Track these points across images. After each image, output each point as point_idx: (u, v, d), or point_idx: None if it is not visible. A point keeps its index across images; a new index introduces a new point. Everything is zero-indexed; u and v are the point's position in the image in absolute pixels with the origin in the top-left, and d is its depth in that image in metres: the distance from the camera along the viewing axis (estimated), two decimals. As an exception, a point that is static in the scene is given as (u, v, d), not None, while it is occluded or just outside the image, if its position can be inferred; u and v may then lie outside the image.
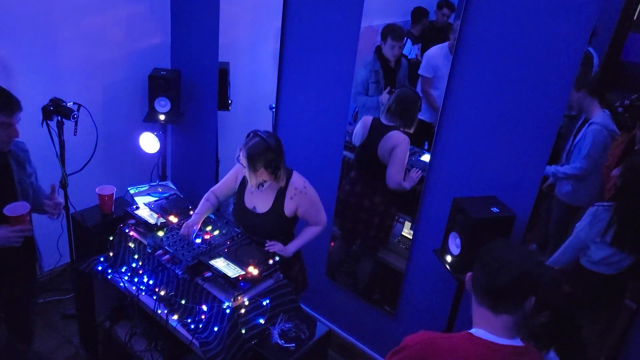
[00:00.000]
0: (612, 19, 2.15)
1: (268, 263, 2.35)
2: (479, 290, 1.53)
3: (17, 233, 2.26)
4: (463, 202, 2.33)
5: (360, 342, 3.36)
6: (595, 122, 2.28)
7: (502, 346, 1.49)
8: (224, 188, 2.71)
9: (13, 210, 2.26)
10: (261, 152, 2.37)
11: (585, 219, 2.30)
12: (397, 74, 2.91)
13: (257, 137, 2.40)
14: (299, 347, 2.21)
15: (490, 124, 2.44)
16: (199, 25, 3.58)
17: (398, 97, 2.83)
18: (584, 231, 2.30)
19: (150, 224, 2.56)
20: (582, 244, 2.33)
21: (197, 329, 2.29)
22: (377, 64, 2.89)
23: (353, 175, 3.08)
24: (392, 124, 2.83)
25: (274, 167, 2.42)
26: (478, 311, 1.55)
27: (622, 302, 2.36)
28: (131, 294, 2.49)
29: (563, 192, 2.45)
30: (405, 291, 3.02)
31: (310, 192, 2.57)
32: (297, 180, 2.56)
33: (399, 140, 2.82)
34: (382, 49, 2.87)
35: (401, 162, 2.83)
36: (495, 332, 1.50)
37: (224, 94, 3.64)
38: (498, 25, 2.31)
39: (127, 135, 3.74)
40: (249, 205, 2.60)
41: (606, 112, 2.28)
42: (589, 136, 2.29)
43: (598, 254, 2.30)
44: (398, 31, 2.85)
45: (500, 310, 1.50)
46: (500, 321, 1.50)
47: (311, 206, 2.59)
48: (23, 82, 3.10)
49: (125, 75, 3.65)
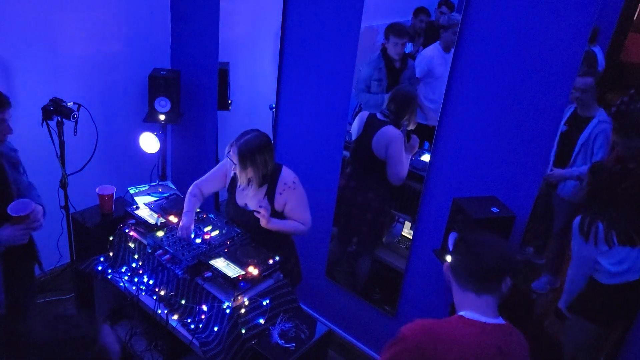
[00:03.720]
0: (612, 19, 2.15)
1: (268, 263, 2.35)
2: (463, 275, 1.64)
3: (24, 230, 2.27)
4: (463, 202, 2.33)
5: (360, 342, 3.36)
6: (603, 120, 2.23)
7: (492, 325, 1.59)
8: (210, 183, 2.71)
9: (16, 208, 2.26)
10: (252, 150, 2.39)
11: (576, 236, 2.24)
12: (401, 74, 2.91)
13: (249, 135, 2.43)
14: (299, 347, 2.21)
15: (490, 124, 2.44)
16: (199, 25, 3.58)
17: (393, 94, 2.86)
18: (583, 247, 2.22)
19: (150, 224, 2.56)
20: (590, 262, 2.23)
21: (197, 329, 2.29)
22: (382, 62, 2.90)
23: (348, 171, 3.10)
24: (385, 119, 2.86)
25: (263, 165, 2.44)
26: (462, 295, 1.66)
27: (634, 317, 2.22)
28: (131, 294, 2.49)
29: (567, 193, 2.39)
30: (405, 291, 3.02)
31: (299, 189, 2.58)
32: (287, 175, 2.56)
33: (392, 136, 2.83)
34: (387, 48, 2.88)
35: (399, 160, 2.84)
36: (482, 311, 1.61)
37: (224, 94, 3.64)
38: (498, 24, 2.31)
39: (127, 135, 3.74)
40: (240, 203, 2.61)
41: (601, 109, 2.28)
42: (601, 137, 2.23)
43: (612, 262, 2.19)
44: (400, 29, 2.85)
45: (484, 290, 1.61)
46: (484, 301, 1.61)
47: (298, 203, 2.58)
48: (23, 82, 3.10)
49: (125, 75, 3.65)
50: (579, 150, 2.30)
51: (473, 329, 1.58)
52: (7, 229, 2.25)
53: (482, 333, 1.57)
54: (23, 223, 2.27)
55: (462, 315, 1.62)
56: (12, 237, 2.25)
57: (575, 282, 2.33)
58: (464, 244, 1.67)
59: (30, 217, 2.28)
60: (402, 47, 2.87)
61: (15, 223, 2.26)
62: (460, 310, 1.65)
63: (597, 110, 2.27)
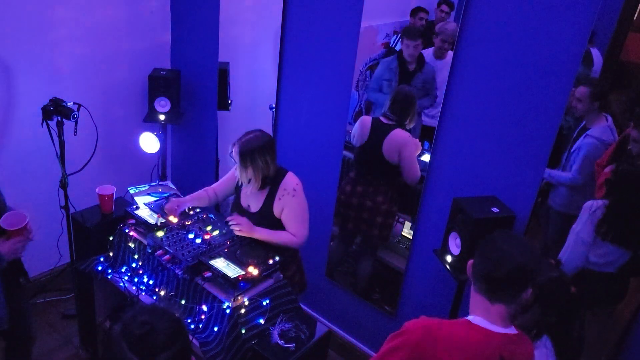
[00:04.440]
0: (612, 19, 2.15)
1: (268, 263, 2.35)
2: (479, 279, 1.57)
3: (23, 243, 2.24)
4: (463, 202, 2.33)
5: (360, 342, 3.36)
6: (592, 134, 2.28)
7: (498, 334, 1.54)
8: (223, 186, 2.74)
9: (10, 222, 2.21)
10: (252, 150, 2.38)
11: (582, 216, 2.26)
12: (414, 76, 2.88)
13: (251, 134, 2.43)
14: (299, 347, 2.21)
15: (490, 124, 2.44)
16: (199, 25, 3.58)
17: (394, 96, 2.87)
18: (583, 230, 2.27)
19: (150, 224, 2.56)
20: (587, 245, 2.28)
21: (197, 329, 2.29)
22: (395, 63, 2.89)
23: (353, 176, 3.08)
24: (391, 122, 2.85)
25: (264, 166, 2.42)
26: (475, 298, 1.60)
27: (622, 300, 2.35)
28: (131, 294, 2.49)
29: (558, 203, 2.44)
30: (405, 291, 3.02)
31: (298, 197, 2.50)
32: (289, 181, 2.51)
33: (404, 140, 2.84)
34: (402, 50, 2.87)
35: (414, 162, 2.86)
36: (492, 319, 1.56)
37: (224, 94, 3.64)
38: (498, 25, 2.31)
39: (127, 135, 3.74)
40: (244, 204, 2.62)
41: (608, 120, 2.27)
42: (583, 149, 2.29)
43: (595, 253, 2.29)
44: (412, 31, 2.84)
45: (497, 299, 1.55)
46: (495, 309, 1.55)
47: (294, 212, 2.50)
48: (23, 82, 3.10)
49: (125, 75, 3.65)
50: (568, 156, 2.34)
51: (478, 335, 1.54)
52: (6, 243, 2.20)
53: (486, 340, 1.54)
54: (21, 235, 2.23)
55: (470, 320, 1.58)
56: (13, 251, 2.22)
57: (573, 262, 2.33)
58: (486, 245, 1.57)
59: (27, 228, 2.24)
60: (415, 49, 2.85)
61: (12, 237, 2.21)
62: (472, 313, 1.60)
63: (596, 122, 2.28)
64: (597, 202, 2.23)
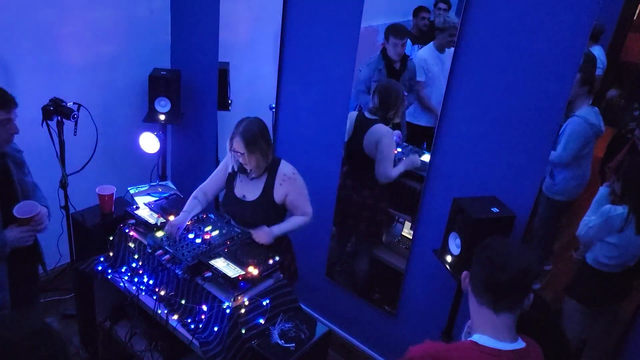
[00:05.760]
0: (612, 19, 2.15)
1: (268, 263, 2.35)
2: (480, 288, 1.50)
3: (30, 232, 2.28)
4: (463, 202, 2.33)
5: (360, 342, 3.36)
6: (577, 114, 2.32)
7: (508, 353, 1.47)
8: (213, 183, 2.74)
9: (22, 210, 2.27)
10: (255, 134, 2.45)
11: (598, 219, 2.25)
12: (401, 75, 2.90)
13: (245, 121, 2.48)
14: (299, 347, 2.21)
15: (490, 124, 2.44)
16: (199, 25, 3.58)
17: (376, 88, 2.87)
18: (594, 229, 2.27)
19: (150, 224, 2.56)
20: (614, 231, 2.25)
21: (197, 329, 2.29)
22: (382, 63, 2.90)
23: (345, 170, 3.12)
24: (374, 117, 2.87)
25: (267, 147, 2.50)
26: (478, 312, 1.52)
27: (624, 300, 2.36)
28: (131, 294, 2.49)
29: (550, 189, 2.46)
30: (405, 291, 3.02)
31: (299, 179, 2.61)
32: (286, 167, 2.60)
33: (381, 132, 2.84)
34: (387, 49, 2.87)
35: (387, 156, 2.84)
36: (499, 335, 1.48)
37: (224, 94, 3.64)
38: (498, 25, 2.31)
39: (127, 135, 3.74)
40: (239, 194, 2.63)
41: (594, 109, 2.31)
42: (568, 127, 2.34)
43: (604, 253, 2.29)
44: (399, 29, 2.85)
45: (502, 308, 1.48)
46: (501, 321, 1.48)
47: (300, 194, 2.61)
48: (23, 82, 3.10)
49: (125, 75, 3.65)
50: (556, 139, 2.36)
51: (486, 357, 1.46)
52: (14, 230, 2.27)
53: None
54: (29, 225, 2.28)
55: (476, 342, 1.49)
56: (18, 239, 2.27)
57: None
58: (485, 252, 1.51)
59: (35, 219, 2.28)
60: (402, 48, 2.87)
61: (21, 225, 2.27)
62: (476, 331, 1.53)
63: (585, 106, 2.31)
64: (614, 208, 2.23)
